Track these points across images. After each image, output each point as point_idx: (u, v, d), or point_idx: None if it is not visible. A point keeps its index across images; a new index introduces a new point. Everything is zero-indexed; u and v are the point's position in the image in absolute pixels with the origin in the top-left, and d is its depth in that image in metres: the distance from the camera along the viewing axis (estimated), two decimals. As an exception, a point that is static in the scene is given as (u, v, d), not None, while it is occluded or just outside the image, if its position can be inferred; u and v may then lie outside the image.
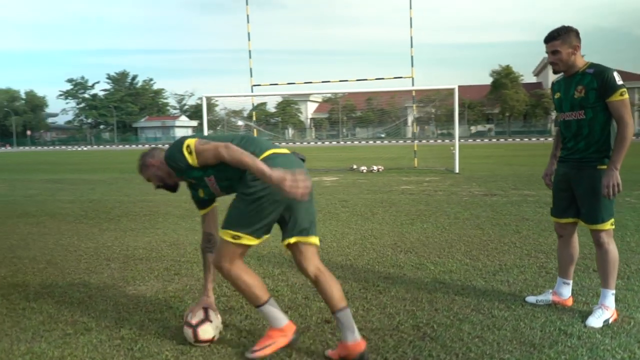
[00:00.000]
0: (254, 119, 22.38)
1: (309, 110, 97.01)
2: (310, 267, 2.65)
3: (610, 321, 3.05)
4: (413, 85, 16.91)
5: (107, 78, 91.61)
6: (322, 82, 16.50)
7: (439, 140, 53.84)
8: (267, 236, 2.68)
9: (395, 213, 7.29)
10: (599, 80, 2.97)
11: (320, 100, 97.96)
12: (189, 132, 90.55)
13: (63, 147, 70.89)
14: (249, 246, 2.62)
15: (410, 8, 16.55)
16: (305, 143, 67.23)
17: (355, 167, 16.25)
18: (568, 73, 3.15)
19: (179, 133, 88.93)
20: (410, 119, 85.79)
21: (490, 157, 22.57)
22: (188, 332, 2.81)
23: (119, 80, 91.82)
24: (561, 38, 3.04)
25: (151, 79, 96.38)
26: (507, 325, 3.06)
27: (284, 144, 53.84)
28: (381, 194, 9.71)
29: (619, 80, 2.94)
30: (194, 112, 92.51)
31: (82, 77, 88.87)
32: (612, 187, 2.96)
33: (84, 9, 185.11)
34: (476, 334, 2.94)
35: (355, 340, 2.57)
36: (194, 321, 2.82)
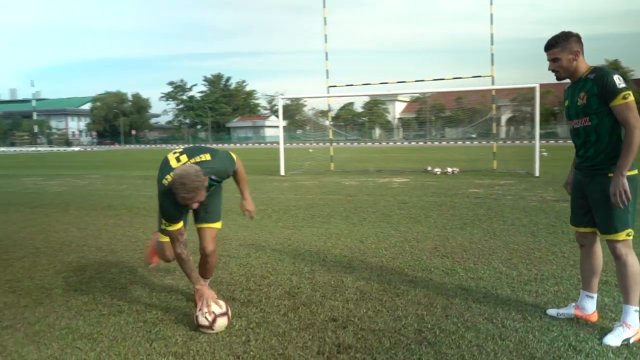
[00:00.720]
0: (329, 120, 22.62)
1: (396, 110, 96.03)
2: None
3: (631, 340, 2.86)
4: (493, 84, 16.26)
5: (204, 80, 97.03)
6: (398, 82, 16.44)
7: (533, 142, 50.78)
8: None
9: (450, 217, 7.15)
10: (598, 85, 2.87)
11: (408, 99, 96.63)
12: (278, 132, 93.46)
13: (163, 145, 76.18)
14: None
15: (491, 4, 15.95)
16: (391, 143, 66.69)
17: (429, 168, 15.94)
18: (573, 79, 3.07)
19: (269, 132, 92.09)
20: (504, 119, 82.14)
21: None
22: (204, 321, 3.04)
23: (215, 82, 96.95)
24: (560, 45, 2.98)
25: (244, 81, 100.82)
26: (513, 337, 2.97)
27: (356, 144, 53.76)
28: (445, 197, 9.51)
29: (619, 84, 2.81)
30: (284, 113, 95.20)
31: (182, 80, 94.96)
32: (618, 195, 2.80)
33: (185, 15, 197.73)
34: (477, 343, 2.89)
35: None
36: (217, 311, 3.06)
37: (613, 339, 2.87)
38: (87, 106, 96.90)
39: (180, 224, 3.23)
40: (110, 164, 24.68)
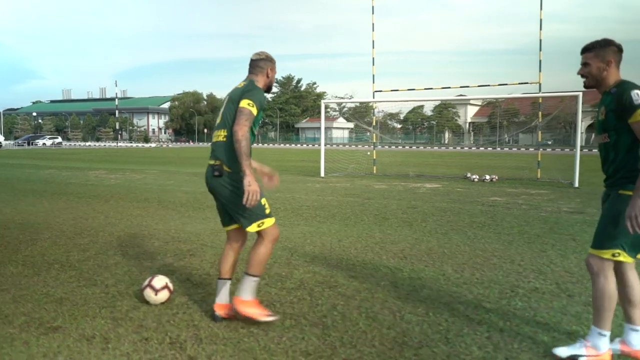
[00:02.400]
0: (373, 123, 22.91)
1: (468, 114, 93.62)
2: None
3: None
4: (540, 91, 15.91)
5: (276, 82, 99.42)
6: (442, 88, 16.42)
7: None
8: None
9: (444, 223, 7.38)
10: (616, 101, 2.76)
11: (480, 103, 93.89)
12: (346, 133, 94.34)
13: (233, 144, 79.13)
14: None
15: (541, 9, 15.61)
16: (458, 148, 65.23)
17: (468, 175, 15.88)
18: (600, 90, 2.95)
19: (336, 134, 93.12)
20: (584, 125, 77.51)
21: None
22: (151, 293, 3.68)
23: (285, 83, 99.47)
24: (595, 51, 2.88)
25: (314, 83, 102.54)
26: (401, 327, 3.35)
27: (435, 148, 52.85)
28: (460, 203, 9.65)
29: (637, 100, 2.66)
30: (352, 114, 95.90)
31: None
32: (633, 218, 2.59)
33: (261, 18, 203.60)
34: (365, 329, 3.31)
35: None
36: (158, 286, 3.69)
37: (564, 350, 2.87)
38: (166, 105, 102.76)
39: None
40: (173, 160, 26.43)
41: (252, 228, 3.30)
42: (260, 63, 3.46)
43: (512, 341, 3.15)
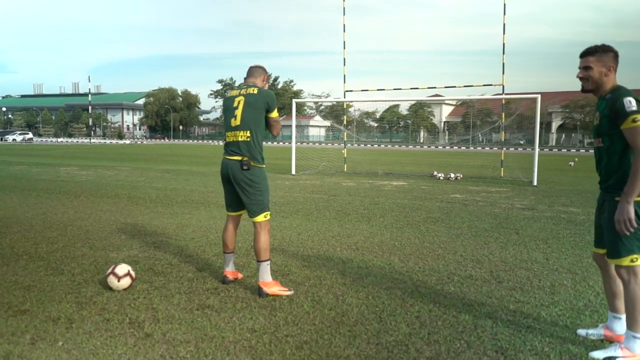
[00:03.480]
0: (345, 123, 23.26)
1: (443, 114, 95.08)
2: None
3: None
4: (503, 92, 16.54)
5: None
6: (411, 88, 16.91)
7: (582, 150, 49.39)
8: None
9: (401, 218, 7.81)
10: (609, 106, 2.86)
11: (454, 103, 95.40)
12: (322, 131, 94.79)
13: (209, 141, 78.87)
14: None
15: (504, 14, 16.24)
16: (432, 147, 66.26)
17: (435, 173, 16.43)
18: (596, 95, 3.05)
19: (313, 132, 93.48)
20: (554, 125, 79.41)
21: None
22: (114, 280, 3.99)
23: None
24: (597, 55, 2.96)
25: (292, 81, 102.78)
26: (335, 307, 3.73)
27: (410, 147, 53.65)
28: (421, 200, 10.11)
29: (629, 107, 2.77)
30: (328, 113, 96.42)
31: (231, 78, 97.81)
32: (622, 222, 2.80)
33: (238, 14, 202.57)
34: (289, 311, 3.68)
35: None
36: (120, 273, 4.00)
37: (600, 353, 2.97)
38: (141, 101, 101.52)
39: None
40: (147, 157, 26.41)
41: (260, 218, 4.04)
42: (259, 70, 4.25)
43: (437, 319, 3.56)
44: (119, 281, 3.99)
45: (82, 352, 2.95)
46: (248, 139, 3.99)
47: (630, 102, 2.77)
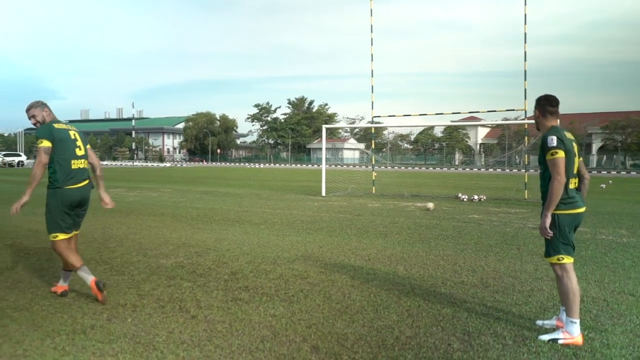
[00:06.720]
0: (372, 146, 24.01)
1: (479, 135, 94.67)
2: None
3: (560, 342, 3.66)
4: (526, 117, 17.13)
5: (288, 103, 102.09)
6: (436, 114, 17.72)
7: (623, 173, 48.49)
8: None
9: (415, 235, 8.61)
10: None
11: (490, 125, 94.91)
12: (356, 154, 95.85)
13: (246, 164, 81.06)
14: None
15: (525, 42, 16.91)
16: (467, 169, 66.01)
17: (459, 195, 17.05)
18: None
19: (347, 154, 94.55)
20: (595, 147, 77.83)
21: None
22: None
23: (298, 105, 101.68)
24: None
25: (326, 104, 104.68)
26: (327, 291, 4.61)
27: (445, 169, 53.61)
28: (439, 220, 10.85)
29: (550, 143, 3.66)
30: (362, 136, 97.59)
31: (267, 102, 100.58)
32: (542, 230, 3.73)
33: (271, 39, 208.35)
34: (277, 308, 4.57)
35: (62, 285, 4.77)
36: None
37: (546, 337, 3.74)
38: (181, 125, 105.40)
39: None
40: (186, 180, 27.95)
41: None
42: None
43: (423, 312, 4.39)
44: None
45: (145, 326, 3.93)
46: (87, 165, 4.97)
47: (552, 140, 3.67)
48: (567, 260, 3.75)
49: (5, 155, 54.10)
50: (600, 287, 5.29)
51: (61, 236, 4.62)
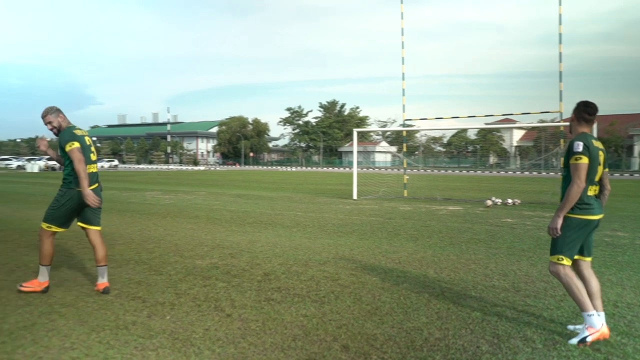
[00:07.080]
0: (404, 149, 23.92)
1: (514, 138, 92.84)
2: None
3: (588, 340, 3.72)
4: (561, 119, 16.79)
5: (320, 106, 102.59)
6: (468, 117, 17.57)
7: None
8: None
9: (446, 238, 8.60)
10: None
11: (525, 127, 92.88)
12: (389, 157, 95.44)
13: (278, 167, 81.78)
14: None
15: (560, 42, 16.60)
16: (502, 172, 64.70)
17: (493, 198, 16.82)
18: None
19: (379, 158, 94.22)
20: (637, 149, 75.19)
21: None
22: None
23: (329, 108, 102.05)
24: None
25: (357, 107, 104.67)
26: (357, 293, 4.68)
27: (479, 172, 52.93)
28: (471, 223, 10.78)
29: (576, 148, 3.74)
30: (395, 139, 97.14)
31: (299, 106, 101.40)
32: (551, 229, 3.83)
33: (302, 44, 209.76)
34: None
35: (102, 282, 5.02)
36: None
37: (575, 340, 3.75)
38: (214, 129, 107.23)
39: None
40: (220, 183, 28.47)
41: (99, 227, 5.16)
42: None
43: (452, 315, 4.43)
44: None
45: (183, 323, 4.12)
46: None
47: (578, 145, 3.75)
48: (566, 262, 3.86)
49: (48, 159, 56.17)
50: (636, 292, 5.20)
51: (54, 229, 4.97)
